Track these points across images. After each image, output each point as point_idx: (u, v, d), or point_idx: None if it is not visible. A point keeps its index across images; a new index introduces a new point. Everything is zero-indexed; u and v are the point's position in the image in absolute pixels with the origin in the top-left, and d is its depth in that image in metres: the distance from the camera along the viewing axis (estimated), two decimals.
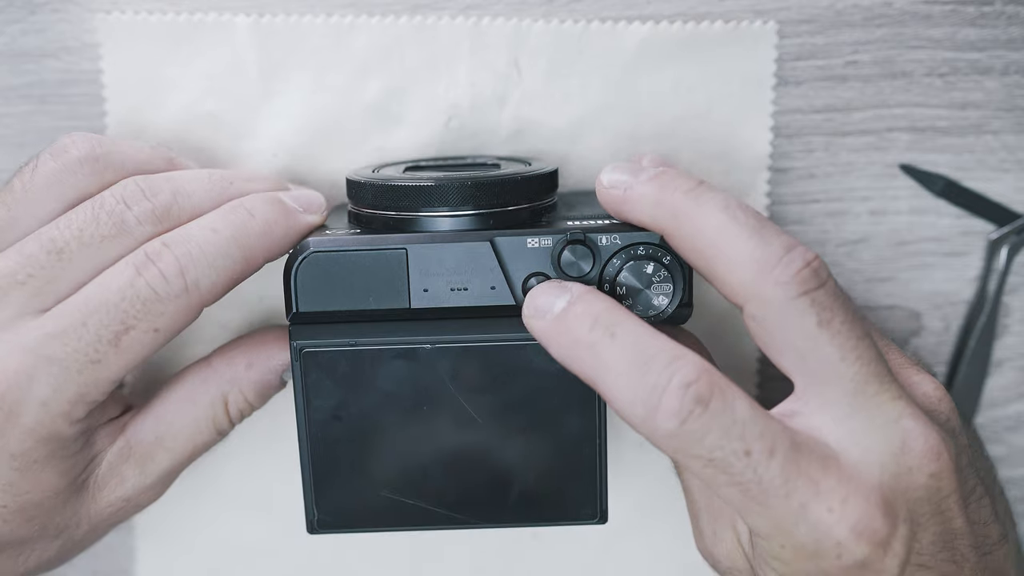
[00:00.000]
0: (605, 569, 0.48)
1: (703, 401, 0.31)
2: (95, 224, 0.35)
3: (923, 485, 0.33)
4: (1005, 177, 0.45)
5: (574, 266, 0.36)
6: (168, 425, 0.39)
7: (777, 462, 0.31)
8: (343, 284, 0.36)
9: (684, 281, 0.36)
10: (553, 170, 0.39)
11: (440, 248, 0.36)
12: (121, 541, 0.48)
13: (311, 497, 0.37)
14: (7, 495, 0.35)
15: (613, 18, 0.42)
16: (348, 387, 0.36)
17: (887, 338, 0.38)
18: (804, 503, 0.31)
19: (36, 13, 0.42)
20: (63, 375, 0.34)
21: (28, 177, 0.37)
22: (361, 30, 0.42)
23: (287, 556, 0.48)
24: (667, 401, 0.31)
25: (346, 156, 0.43)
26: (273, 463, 0.47)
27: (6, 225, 0.36)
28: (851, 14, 0.43)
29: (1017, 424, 0.49)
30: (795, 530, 0.32)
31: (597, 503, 0.38)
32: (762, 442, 0.31)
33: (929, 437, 0.33)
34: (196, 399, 0.39)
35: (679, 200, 0.34)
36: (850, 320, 0.33)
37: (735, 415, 0.31)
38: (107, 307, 0.34)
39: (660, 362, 0.32)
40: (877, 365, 0.33)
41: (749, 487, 0.31)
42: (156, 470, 0.39)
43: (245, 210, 0.36)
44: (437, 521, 0.38)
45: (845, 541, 0.32)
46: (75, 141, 0.37)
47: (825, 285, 0.33)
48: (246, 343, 0.41)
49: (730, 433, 0.31)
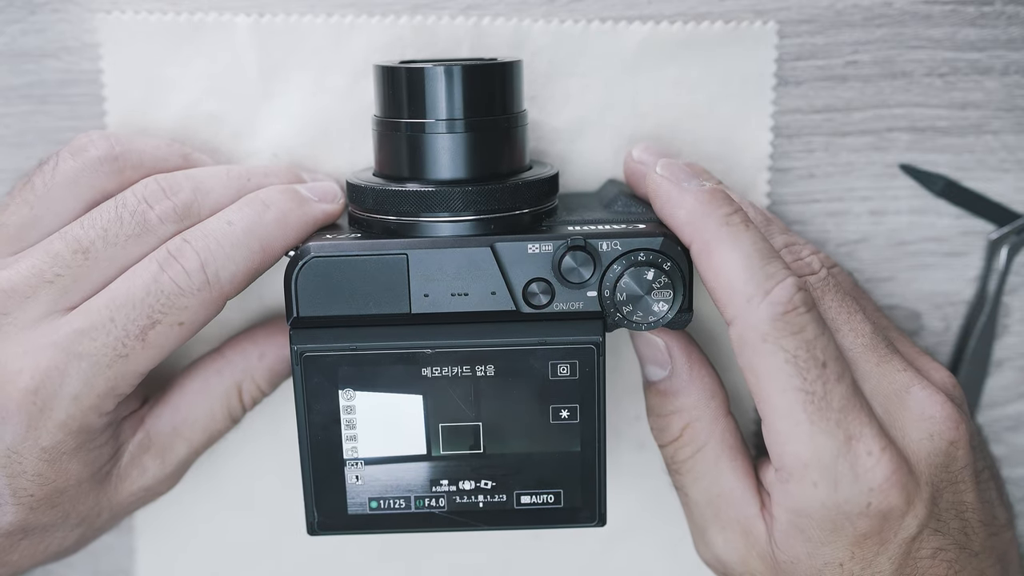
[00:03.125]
0: (604, 570, 0.48)
1: (808, 305, 0.34)
2: (119, 224, 0.36)
3: (943, 452, 0.35)
4: (1005, 177, 0.45)
5: (575, 272, 0.36)
6: (185, 416, 0.40)
7: (842, 388, 0.34)
8: (343, 289, 0.36)
9: (684, 287, 0.36)
10: (554, 174, 0.39)
11: (441, 253, 0.36)
12: (121, 541, 0.48)
13: (311, 499, 0.38)
14: (34, 484, 0.36)
15: (613, 18, 0.42)
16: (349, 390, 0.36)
17: (899, 329, 0.40)
18: (850, 436, 0.33)
19: (36, 13, 0.42)
20: (93, 370, 0.35)
21: (49, 176, 0.38)
22: (361, 30, 0.42)
23: (287, 556, 0.48)
24: (780, 289, 0.34)
25: (346, 156, 0.43)
26: (273, 463, 0.47)
27: (29, 223, 0.38)
28: (851, 14, 0.43)
29: (1017, 424, 0.49)
30: (833, 464, 0.33)
31: (596, 507, 0.38)
32: (837, 364, 0.34)
33: (946, 406, 0.35)
34: (211, 389, 0.41)
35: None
36: (840, 299, 0.37)
37: (825, 332, 0.34)
38: (133, 303, 0.35)
39: (781, 263, 0.34)
40: (873, 338, 0.36)
41: (813, 398, 0.33)
42: (175, 459, 0.40)
43: (260, 202, 0.37)
44: (437, 524, 0.38)
45: (878, 489, 0.33)
46: (93, 140, 0.38)
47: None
48: (257, 334, 0.42)
49: (817, 342, 0.34)
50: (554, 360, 0.36)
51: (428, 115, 0.36)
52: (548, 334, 0.36)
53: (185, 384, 0.41)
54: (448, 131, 0.36)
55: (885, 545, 0.34)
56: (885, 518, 0.34)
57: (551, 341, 0.36)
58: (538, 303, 0.36)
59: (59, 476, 0.37)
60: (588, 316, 0.36)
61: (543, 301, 0.36)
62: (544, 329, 0.36)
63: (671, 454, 0.39)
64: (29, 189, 0.38)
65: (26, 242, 0.37)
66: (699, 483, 0.38)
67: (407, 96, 0.37)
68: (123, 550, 0.48)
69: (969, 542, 0.36)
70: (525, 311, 0.36)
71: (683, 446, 0.38)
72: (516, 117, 0.38)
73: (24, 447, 0.36)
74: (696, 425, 0.38)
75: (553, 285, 0.36)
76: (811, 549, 0.35)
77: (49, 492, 0.37)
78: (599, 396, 0.37)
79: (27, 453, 0.36)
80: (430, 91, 0.36)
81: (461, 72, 0.36)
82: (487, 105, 0.37)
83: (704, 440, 0.38)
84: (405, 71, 0.37)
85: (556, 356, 0.36)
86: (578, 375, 0.36)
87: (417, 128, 0.37)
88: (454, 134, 0.36)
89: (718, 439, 0.38)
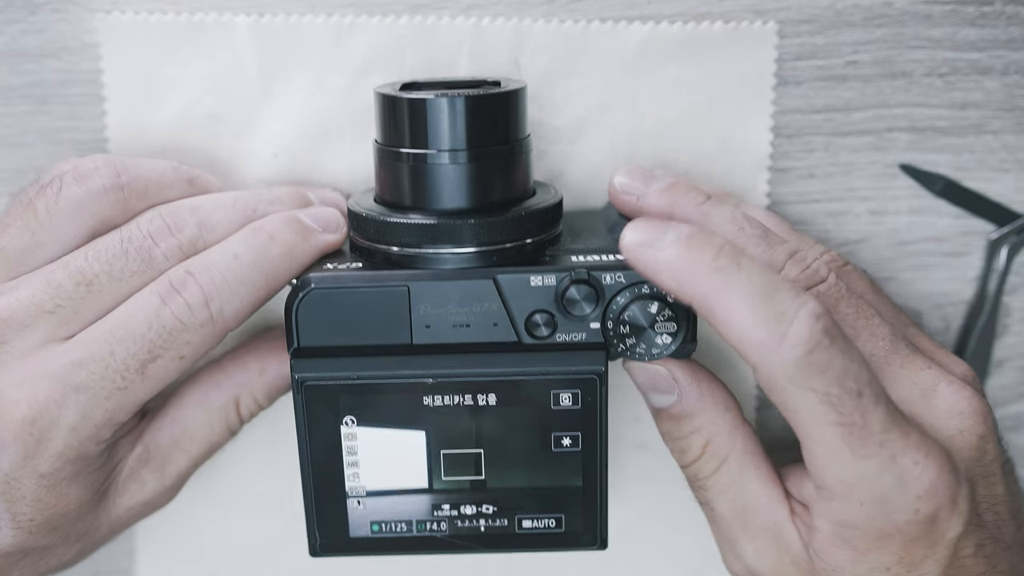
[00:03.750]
0: (604, 570, 0.48)
1: (830, 335, 0.31)
2: (124, 259, 0.36)
3: (974, 446, 0.35)
4: (1005, 177, 0.45)
5: (578, 305, 0.35)
6: (184, 428, 0.40)
7: (881, 409, 0.32)
8: (345, 320, 0.36)
9: (688, 319, 0.36)
10: (557, 202, 0.38)
11: (443, 285, 0.35)
12: (121, 541, 0.48)
13: (313, 523, 0.38)
14: (34, 510, 0.36)
15: (613, 18, 0.42)
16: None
17: (916, 324, 0.40)
18: (895, 454, 0.32)
19: (36, 13, 0.42)
20: (91, 402, 0.35)
21: (52, 201, 0.37)
22: (361, 30, 0.42)
23: (287, 556, 0.48)
24: (797, 329, 0.31)
25: (346, 156, 0.43)
26: (273, 464, 0.47)
27: (31, 248, 0.37)
28: (851, 14, 0.43)
29: (1017, 424, 0.49)
30: (879, 481, 0.32)
31: (597, 531, 0.38)
32: (872, 388, 0.32)
33: (973, 400, 0.35)
34: (209, 402, 0.40)
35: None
36: (854, 305, 0.36)
37: (853, 357, 0.32)
38: (134, 337, 0.35)
39: (789, 293, 0.32)
40: (893, 340, 0.36)
41: (853, 429, 0.32)
42: (174, 471, 0.40)
43: (266, 234, 0.37)
44: (438, 547, 0.38)
45: (925, 495, 0.33)
46: (98, 167, 0.38)
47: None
48: (258, 348, 0.41)
49: (848, 372, 0.32)
50: (556, 390, 0.36)
51: (431, 145, 0.36)
52: (550, 364, 0.36)
53: (184, 396, 0.40)
54: (451, 162, 0.36)
55: (934, 548, 0.34)
56: (933, 521, 0.33)
57: (553, 372, 0.36)
58: (540, 335, 0.36)
59: (59, 501, 0.36)
60: (591, 347, 0.36)
61: (545, 333, 0.36)
62: (546, 360, 0.36)
63: (694, 472, 0.38)
64: (31, 213, 0.37)
65: (26, 267, 0.37)
66: (725, 495, 0.37)
67: (409, 125, 0.36)
68: (123, 550, 0.48)
69: (1002, 535, 0.36)
70: (527, 342, 0.36)
71: (706, 463, 0.37)
72: (520, 144, 0.37)
73: (22, 474, 0.35)
74: (716, 440, 0.37)
75: (556, 317, 0.36)
76: (856, 556, 0.34)
77: (49, 516, 0.37)
78: (601, 425, 0.37)
79: (26, 480, 0.35)
80: (432, 122, 0.36)
81: (464, 104, 0.36)
82: (491, 135, 0.36)
83: (726, 453, 0.37)
84: (407, 101, 0.36)
85: (558, 386, 0.36)
86: (580, 404, 0.36)
87: (420, 159, 0.36)
88: (457, 164, 0.36)
89: (739, 449, 0.37)
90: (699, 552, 0.43)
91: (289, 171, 0.43)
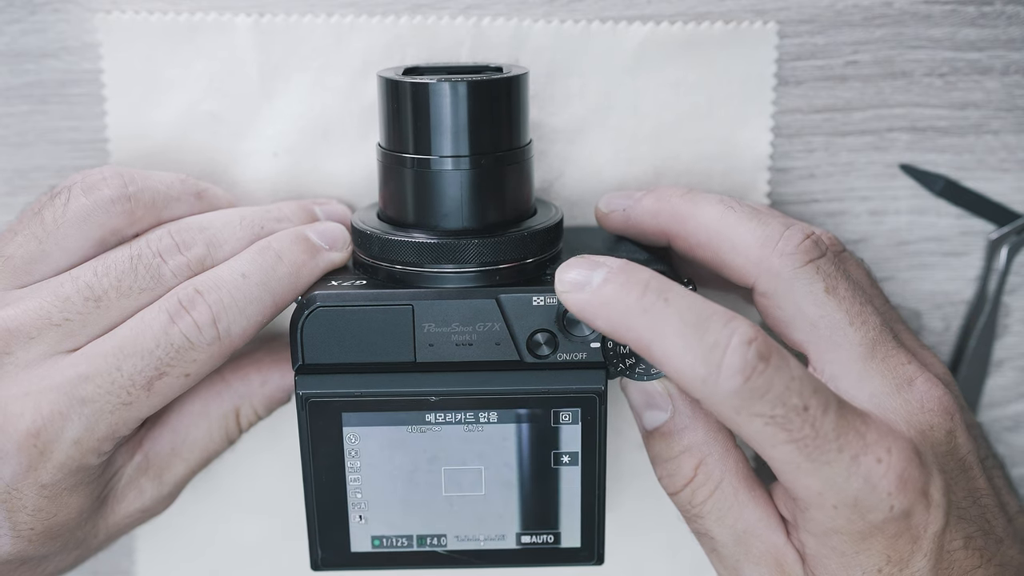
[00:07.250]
0: (604, 571, 0.48)
1: (764, 358, 0.31)
2: (133, 275, 0.36)
3: (943, 441, 0.35)
4: (1005, 177, 0.45)
5: (579, 325, 0.36)
6: (183, 437, 0.40)
7: (831, 417, 0.32)
8: (349, 337, 0.36)
9: None
10: (558, 221, 0.39)
11: (446, 304, 0.36)
12: (121, 542, 0.48)
13: (315, 539, 0.38)
14: (34, 519, 0.36)
15: (613, 18, 0.42)
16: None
17: (903, 322, 0.40)
18: (855, 455, 0.32)
19: (36, 13, 0.42)
20: (95, 416, 0.35)
21: (60, 211, 0.37)
22: (361, 30, 0.42)
23: (286, 555, 0.48)
24: (730, 358, 0.31)
25: (346, 156, 0.43)
26: (273, 465, 0.47)
27: (38, 258, 0.37)
28: (851, 14, 0.43)
29: (1017, 424, 0.49)
30: (847, 485, 0.32)
31: (595, 547, 0.39)
32: (817, 398, 0.32)
33: (943, 397, 0.35)
34: (210, 412, 0.41)
35: (677, 203, 0.38)
36: (852, 288, 0.36)
37: (792, 372, 0.32)
38: (141, 354, 0.35)
39: (718, 322, 0.32)
40: (882, 331, 0.36)
41: (806, 443, 0.32)
42: (172, 479, 0.40)
43: (274, 252, 0.37)
44: (438, 562, 0.38)
45: (895, 491, 0.33)
46: (106, 178, 0.38)
47: (826, 255, 0.36)
48: (260, 360, 0.42)
49: (790, 389, 0.32)
50: (557, 408, 0.37)
51: (433, 150, 0.36)
52: (551, 383, 0.36)
53: (184, 406, 0.40)
54: (455, 168, 0.36)
55: (918, 543, 0.34)
56: (909, 515, 0.33)
57: (554, 390, 0.36)
58: (542, 354, 0.36)
59: (59, 510, 0.37)
60: (591, 366, 0.36)
61: (547, 352, 0.36)
62: (547, 378, 0.36)
63: (687, 498, 0.37)
64: (38, 223, 0.37)
65: (32, 276, 0.37)
66: (723, 522, 0.37)
67: (413, 133, 0.36)
68: (123, 550, 0.48)
69: (992, 528, 0.36)
70: (529, 360, 0.36)
71: (699, 486, 0.37)
72: (523, 157, 0.38)
73: (24, 484, 0.35)
74: (709, 461, 0.36)
75: (557, 336, 0.36)
76: (845, 562, 0.34)
77: (49, 526, 0.37)
78: (600, 442, 0.37)
79: (27, 490, 0.36)
80: (436, 132, 0.36)
81: (467, 88, 0.36)
82: (494, 148, 0.37)
83: (720, 475, 0.36)
84: (410, 85, 0.36)
85: (559, 404, 0.37)
86: (580, 422, 0.37)
87: (423, 164, 0.36)
88: (460, 181, 0.36)
89: (733, 472, 0.36)
90: (699, 552, 0.43)
91: (289, 171, 0.44)
